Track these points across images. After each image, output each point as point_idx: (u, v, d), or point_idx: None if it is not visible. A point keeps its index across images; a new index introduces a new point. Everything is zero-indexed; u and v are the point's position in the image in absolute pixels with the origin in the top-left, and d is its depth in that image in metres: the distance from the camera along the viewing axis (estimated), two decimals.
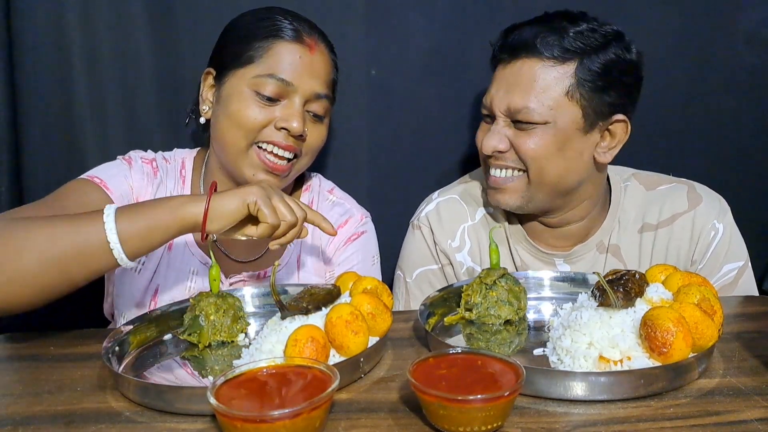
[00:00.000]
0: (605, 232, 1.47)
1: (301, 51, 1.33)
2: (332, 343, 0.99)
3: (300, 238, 1.19)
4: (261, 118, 1.31)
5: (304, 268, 1.46)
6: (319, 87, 1.35)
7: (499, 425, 0.84)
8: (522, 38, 1.34)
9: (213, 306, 1.14)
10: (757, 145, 1.79)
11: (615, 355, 0.95)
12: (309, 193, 1.52)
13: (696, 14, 1.71)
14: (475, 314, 1.18)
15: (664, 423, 0.86)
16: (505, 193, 1.40)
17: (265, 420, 0.79)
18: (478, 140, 1.43)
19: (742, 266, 1.44)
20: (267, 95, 1.31)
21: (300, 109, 1.33)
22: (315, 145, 1.39)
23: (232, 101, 1.32)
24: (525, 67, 1.34)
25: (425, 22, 1.69)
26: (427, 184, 1.72)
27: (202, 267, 1.42)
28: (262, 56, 1.32)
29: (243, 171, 1.34)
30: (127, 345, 1.12)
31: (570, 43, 1.32)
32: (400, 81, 1.72)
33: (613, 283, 1.01)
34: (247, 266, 1.44)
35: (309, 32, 1.35)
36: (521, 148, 1.35)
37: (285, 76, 1.31)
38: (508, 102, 1.35)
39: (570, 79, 1.32)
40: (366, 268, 1.47)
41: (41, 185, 1.65)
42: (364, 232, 1.50)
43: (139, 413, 0.93)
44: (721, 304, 1.02)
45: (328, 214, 1.47)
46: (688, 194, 1.46)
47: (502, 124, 1.37)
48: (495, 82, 1.39)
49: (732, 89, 1.75)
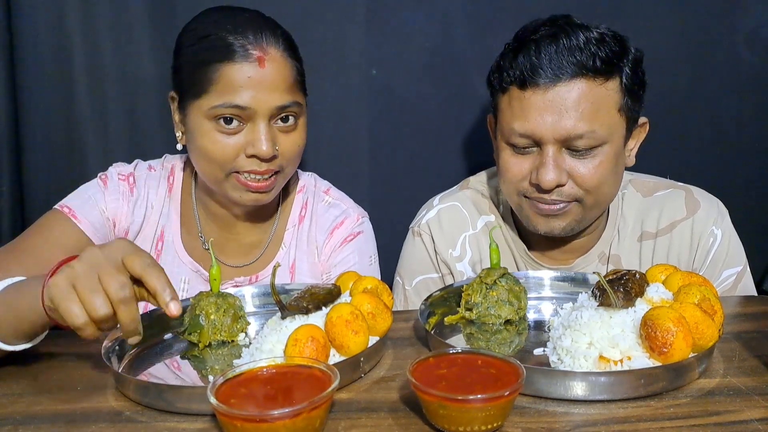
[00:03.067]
0: (605, 242, 1.45)
1: (249, 69, 1.24)
2: (332, 342, 0.99)
3: (170, 314, 0.95)
4: (229, 150, 1.26)
5: (299, 272, 1.45)
6: (279, 99, 1.26)
7: (499, 425, 0.84)
8: (558, 57, 1.24)
9: (213, 305, 1.14)
10: (758, 146, 1.79)
11: (615, 355, 0.95)
12: (303, 195, 1.49)
13: (696, 15, 1.71)
14: (476, 314, 1.18)
15: (664, 423, 0.86)
16: (559, 219, 1.33)
17: (265, 419, 0.79)
18: (516, 171, 1.31)
19: (740, 271, 1.43)
20: (228, 125, 1.25)
21: (265, 130, 1.26)
22: (293, 153, 1.33)
23: (197, 136, 1.28)
24: (574, 89, 1.24)
25: (425, 22, 1.69)
26: (428, 184, 1.72)
27: (193, 275, 1.41)
28: (211, 84, 1.24)
29: (229, 195, 1.32)
30: (127, 345, 1.12)
31: (604, 54, 1.24)
32: (400, 81, 1.72)
33: (613, 283, 1.01)
34: (240, 271, 1.43)
35: (254, 41, 1.25)
36: (582, 176, 1.27)
37: (240, 102, 1.24)
38: (564, 129, 1.24)
39: (619, 93, 1.27)
40: (363, 269, 1.46)
41: (42, 186, 1.66)
42: (361, 233, 1.47)
43: (139, 413, 0.93)
44: (721, 304, 1.02)
45: (324, 215, 1.46)
46: (686, 200, 1.44)
47: (553, 153, 1.27)
48: (534, 109, 1.25)
49: (732, 90, 1.75)
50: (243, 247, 1.44)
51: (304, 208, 1.47)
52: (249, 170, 1.28)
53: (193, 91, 1.27)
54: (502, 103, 1.33)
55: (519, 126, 1.28)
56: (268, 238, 1.45)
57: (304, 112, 1.35)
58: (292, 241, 1.45)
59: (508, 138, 1.31)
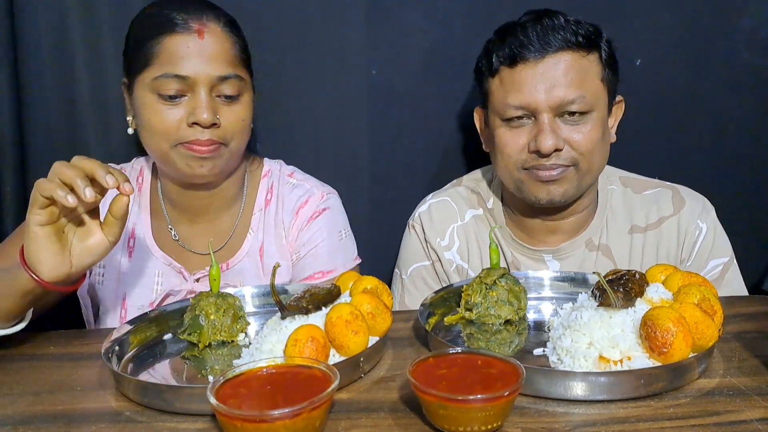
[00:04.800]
0: (593, 230, 1.51)
1: (189, 40, 1.28)
2: (332, 342, 0.99)
3: (124, 193, 1.07)
4: (171, 121, 1.29)
5: (268, 254, 1.45)
6: (219, 70, 1.29)
7: (499, 425, 0.84)
8: (544, 35, 1.34)
9: (213, 306, 1.14)
10: (757, 146, 1.79)
11: (615, 355, 0.95)
12: (268, 179, 1.50)
13: (696, 15, 1.71)
14: (475, 314, 1.18)
15: (664, 423, 0.86)
16: (558, 184, 1.40)
17: (265, 420, 0.79)
18: (513, 144, 1.39)
19: (727, 262, 1.49)
20: (169, 95, 1.28)
21: (206, 98, 1.28)
22: (236, 126, 1.34)
23: (142, 111, 1.31)
24: (561, 61, 1.34)
25: (425, 21, 1.69)
26: (428, 183, 1.72)
27: (166, 268, 1.42)
28: (154, 56, 1.28)
29: (177, 167, 1.33)
30: (127, 345, 1.12)
31: (584, 31, 1.36)
32: (400, 81, 1.72)
33: (613, 283, 1.01)
34: (210, 259, 1.44)
35: (195, 16, 1.30)
36: (577, 141, 1.36)
37: (180, 71, 1.27)
38: (557, 96, 1.33)
39: (600, 65, 1.38)
40: (334, 244, 1.47)
41: None
42: (327, 209, 1.48)
43: (139, 413, 0.93)
44: (721, 304, 1.02)
45: (289, 197, 1.48)
46: (673, 198, 1.51)
47: (549, 121, 1.35)
48: (527, 81, 1.35)
49: (732, 90, 1.75)
50: (211, 235, 1.45)
51: (270, 192, 1.49)
52: (192, 140, 1.29)
53: (137, 67, 1.31)
54: (492, 86, 1.43)
55: (513, 99, 1.37)
56: (235, 224, 1.46)
57: (248, 89, 1.37)
58: (260, 224, 1.46)
59: (503, 114, 1.40)
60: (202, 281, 1.41)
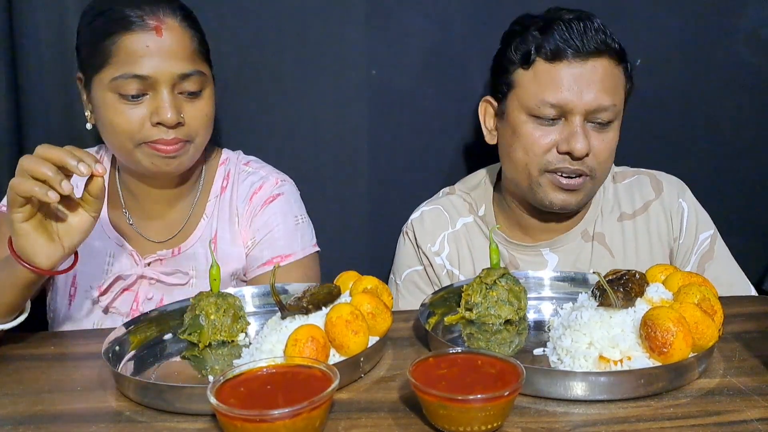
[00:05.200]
0: (589, 221, 1.53)
1: (147, 38, 1.25)
2: (332, 342, 0.99)
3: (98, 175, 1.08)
4: (133, 121, 1.27)
5: (222, 240, 1.45)
6: (180, 67, 1.27)
7: (499, 425, 0.84)
8: (587, 35, 1.34)
9: (213, 305, 1.14)
10: (757, 146, 1.79)
11: (615, 355, 0.95)
12: (225, 166, 1.50)
13: (696, 15, 1.71)
14: (476, 314, 1.18)
15: (664, 423, 0.86)
16: (575, 194, 1.41)
17: (265, 419, 0.79)
18: (543, 143, 1.37)
19: (713, 234, 1.52)
20: (131, 95, 1.26)
21: (168, 98, 1.26)
22: (200, 122, 1.32)
23: (102, 110, 1.29)
24: (600, 66, 1.35)
25: (425, 22, 1.69)
26: (428, 184, 1.72)
27: (117, 248, 1.42)
28: (111, 56, 1.25)
29: (142, 164, 1.32)
30: (127, 345, 1.12)
31: (617, 42, 1.37)
32: (400, 81, 1.72)
33: (613, 283, 1.01)
34: (163, 245, 1.44)
35: (151, 12, 1.26)
36: (600, 149, 1.37)
37: (139, 71, 1.24)
38: (594, 101, 1.34)
39: (625, 78, 1.41)
40: (289, 229, 1.46)
41: None
42: (281, 194, 1.47)
43: (139, 413, 0.93)
44: (721, 304, 1.02)
45: (243, 183, 1.48)
46: (651, 183, 1.55)
47: (581, 124, 1.36)
48: (566, 80, 1.34)
49: (732, 90, 1.75)
50: (166, 221, 1.45)
51: (226, 179, 1.48)
52: (156, 139, 1.28)
53: (94, 65, 1.28)
54: (524, 78, 1.39)
55: (551, 96, 1.35)
56: (190, 210, 1.46)
57: (210, 82, 1.36)
58: (214, 211, 1.46)
59: (536, 110, 1.37)
60: (153, 265, 1.40)
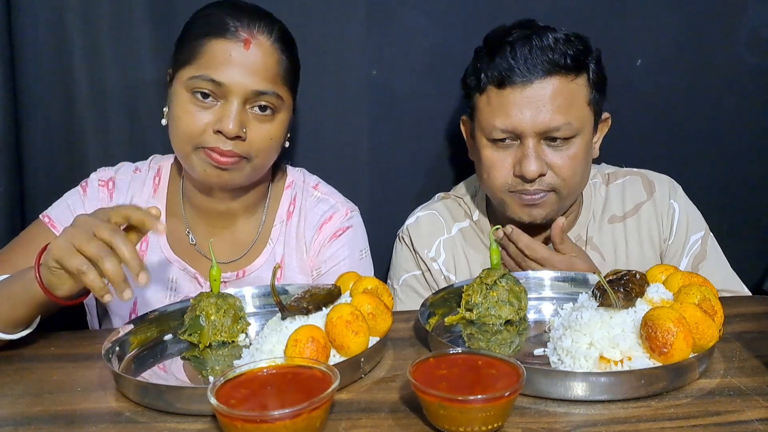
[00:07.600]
0: (581, 226, 1.54)
1: (233, 48, 1.26)
2: (332, 343, 0.99)
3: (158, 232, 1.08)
4: (198, 122, 1.27)
5: (288, 268, 1.44)
6: (257, 84, 1.27)
7: (500, 425, 0.84)
8: (532, 57, 1.34)
9: (213, 306, 1.14)
10: (757, 146, 1.79)
11: (615, 355, 0.95)
12: (291, 190, 1.49)
13: (696, 15, 1.71)
14: (476, 314, 1.18)
15: (664, 423, 0.86)
16: (539, 208, 1.42)
17: (265, 420, 0.79)
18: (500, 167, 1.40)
19: (704, 235, 1.53)
20: (202, 97, 1.27)
21: (237, 109, 1.26)
22: (262, 143, 1.31)
23: (174, 105, 1.30)
24: (548, 86, 1.34)
25: (426, 22, 1.69)
26: (428, 184, 1.72)
27: (180, 273, 1.40)
28: (196, 56, 1.27)
29: (195, 169, 1.31)
30: (128, 345, 1.12)
31: (573, 52, 1.35)
32: (400, 81, 1.72)
33: (614, 284, 1.01)
34: (227, 267, 1.42)
35: (247, 25, 1.27)
36: (560, 166, 1.38)
37: (216, 76, 1.25)
38: (543, 122, 1.34)
39: (587, 88, 1.39)
40: (354, 263, 1.46)
41: (42, 185, 1.65)
42: (350, 227, 1.47)
43: (139, 413, 0.93)
44: (721, 304, 1.02)
45: (313, 211, 1.46)
46: (643, 183, 1.55)
47: (534, 146, 1.37)
48: (514, 106, 1.35)
49: (733, 90, 1.75)
50: (230, 243, 1.44)
51: (293, 204, 1.47)
52: (213, 146, 1.28)
53: (180, 62, 1.30)
54: (480, 103, 1.43)
55: (500, 122, 1.37)
56: (256, 234, 1.45)
57: (286, 108, 1.35)
58: (280, 236, 1.45)
59: (489, 134, 1.40)
60: None
